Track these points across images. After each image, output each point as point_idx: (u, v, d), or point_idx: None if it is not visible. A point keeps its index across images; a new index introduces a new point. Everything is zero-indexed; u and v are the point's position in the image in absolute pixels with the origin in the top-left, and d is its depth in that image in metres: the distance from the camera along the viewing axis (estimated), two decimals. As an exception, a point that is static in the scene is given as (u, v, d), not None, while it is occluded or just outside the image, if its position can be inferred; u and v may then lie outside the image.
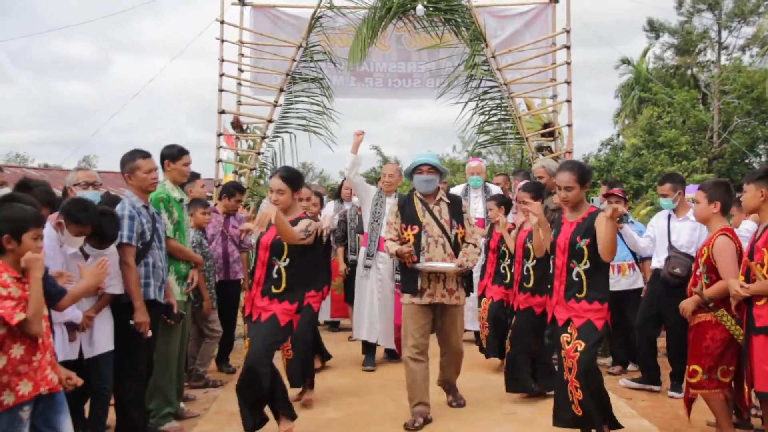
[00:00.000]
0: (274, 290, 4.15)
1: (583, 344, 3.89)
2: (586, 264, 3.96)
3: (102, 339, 3.99)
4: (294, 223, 4.12)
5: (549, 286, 4.24)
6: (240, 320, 6.96)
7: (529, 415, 4.98)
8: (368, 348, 6.47)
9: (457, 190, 7.30)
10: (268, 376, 4.10)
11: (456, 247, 4.77)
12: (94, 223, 3.79)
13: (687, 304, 4.28)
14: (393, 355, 6.60)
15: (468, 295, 4.97)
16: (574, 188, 4.03)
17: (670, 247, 5.32)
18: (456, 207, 4.89)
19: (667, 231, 5.40)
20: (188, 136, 68.89)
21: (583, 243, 3.96)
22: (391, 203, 6.39)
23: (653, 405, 5.26)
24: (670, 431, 4.61)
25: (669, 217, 5.49)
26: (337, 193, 8.23)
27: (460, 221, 4.84)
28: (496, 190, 7.29)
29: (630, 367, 6.20)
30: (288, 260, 4.14)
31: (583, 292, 3.96)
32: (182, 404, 5.04)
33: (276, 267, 4.15)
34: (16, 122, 64.71)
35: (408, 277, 4.78)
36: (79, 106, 68.16)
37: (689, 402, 4.32)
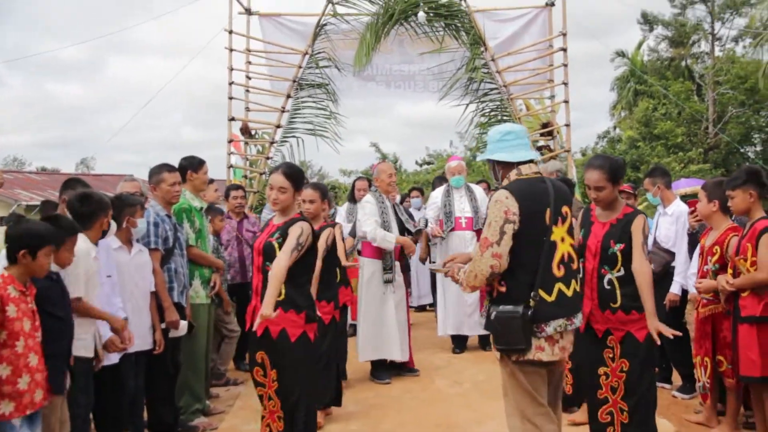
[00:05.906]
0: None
1: (628, 363, 3.47)
2: (619, 271, 3.49)
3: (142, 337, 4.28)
4: (290, 224, 3.64)
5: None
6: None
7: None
8: (380, 363, 6.13)
9: (437, 192, 7.12)
10: None
11: None
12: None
13: (705, 285, 4.32)
14: (407, 369, 6.23)
15: None
16: (606, 187, 3.49)
17: (654, 242, 5.33)
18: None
19: (656, 226, 5.48)
20: (184, 136, 68.92)
21: (617, 248, 3.48)
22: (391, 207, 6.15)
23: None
24: (667, 416, 4.86)
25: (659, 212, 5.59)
26: (350, 195, 7.66)
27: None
28: (478, 190, 7.14)
29: None
30: None
31: (617, 301, 3.49)
32: (207, 401, 5.30)
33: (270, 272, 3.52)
34: (10, 125, 65.01)
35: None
36: (73, 107, 68.35)
37: (713, 391, 4.49)
